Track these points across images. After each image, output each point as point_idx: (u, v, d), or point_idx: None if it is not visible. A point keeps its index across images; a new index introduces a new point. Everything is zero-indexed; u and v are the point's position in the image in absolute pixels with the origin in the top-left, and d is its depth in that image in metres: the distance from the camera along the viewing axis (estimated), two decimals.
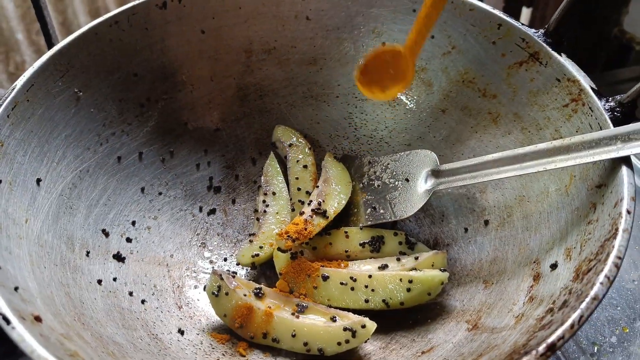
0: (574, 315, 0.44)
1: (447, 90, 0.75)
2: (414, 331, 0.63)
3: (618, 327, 0.70)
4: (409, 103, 0.78)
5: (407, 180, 0.72)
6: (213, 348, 0.61)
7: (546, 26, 0.67)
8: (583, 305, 0.45)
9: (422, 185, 0.70)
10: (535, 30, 0.67)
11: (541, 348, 0.43)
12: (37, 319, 0.47)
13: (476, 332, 0.57)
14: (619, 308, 0.72)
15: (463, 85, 0.74)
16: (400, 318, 0.65)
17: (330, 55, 0.80)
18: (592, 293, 0.46)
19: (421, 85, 0.77)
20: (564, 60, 0.64)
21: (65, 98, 0.65)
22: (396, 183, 0.73)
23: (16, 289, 0.49)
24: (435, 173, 0.69)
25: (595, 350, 0.69)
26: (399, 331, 0.63)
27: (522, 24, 0.68)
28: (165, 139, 0.75)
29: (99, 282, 0.61)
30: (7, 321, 0.44)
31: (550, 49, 0.65)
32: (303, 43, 0.79)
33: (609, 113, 0.58)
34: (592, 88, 0.61)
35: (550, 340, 0.43)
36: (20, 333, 0.43)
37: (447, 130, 0.75)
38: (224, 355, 0.61)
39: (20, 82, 0.61)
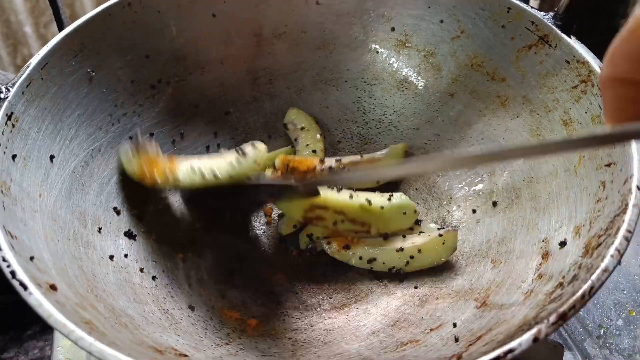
0: (585, 286, 0.45)
1: (455, 74, 0.76)
2: (422, 310, 0.63)
3: (624, 310, 0.71)
4: (417, 87, 0.79)
5: None
6: (223, 324, 0.62)
7: (556, 9, 0.68)
8: (594, 276, 0.45)
9: None
10: (544, 13, 0.68)
11: (552, 317, 0.43)
12: (53, 287, 0.48)
13: (485, 309, 0.58)
14: (625, 292, 0.73)
15: (472, 69, 0.74)
16: (408, 298, 0.65)
17: (340, 39, 0.80)
18: (602, 265, 0.46)
19: (430, 70, 0.78)
20: (573, 42, 0.64)
21: (78, 77, 0.66)
22: None
23: (31, 258, 0.49)
24: None
25: (602, 333, 0.69)
26: (407, 310, 0.64)
27: (532, 7, 0.69)
28: (175, 120, 0.76)
29: (111, 257, 0.62)
30: (25, 287, 0.44)
31: (559, 32, 0.65)
32: (313, 27, 0.79)
33: None
34: (601, 69, 0.62)
35: (561, 310, 0.44)
36: (37, 298, 0.44)
37: (456, 114, 0.76)
38: (233, 331, 0.61)
39: (34, 60, 0.61)
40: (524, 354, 0.60)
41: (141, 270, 0.64)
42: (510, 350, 0.41)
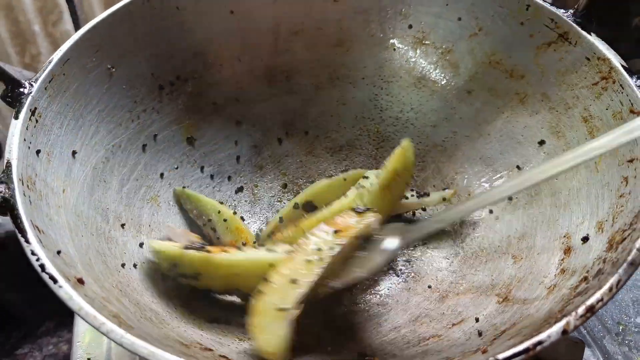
0: (612, 279, 0.45)
1: (473, 71, 0.76)
2: (443, 305, 0.64)
3: None
4: (435, 84, 0.79)
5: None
6: (243, 317, 0.62)
7: (575, 6, 0.68)
8: (621, 270, 0.45)
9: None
10: (564, 11, 0.68)
11: (580, 309, 0.43)
12: (80, 281, 0.48)
13: (507, 304, 0.58)
14: None
15: (490, 66, 0.74)
16: (429, 294, 0.65)
17: (357, 37, 0.80)
18: (629, 258, 0.46)
19: (447, 67, 0.78)
20: (593, 39, 0.64)
21: (99, 73, 0.66)
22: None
23: (59, 252, 0.50)
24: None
25: (620, 330, 0.69)
26: (427, 305, 0.64)
27: (551, 4, 0.69)
28: (194, 117, 0.76)
29: (133, 253, 0.62)
30: (54, 280, 0.45)
31: (579, 29, 0.65)
32: (330, 25, 0.80)
33: None
34: (622, 66, 0.62)
35: (589, 302, 0.44)
36: (68, 291, 0.44)
37: (474, 111, 0.76)
38: None
39: (56, 56, 0.61)
40: (546, 351, 0.60)
41: None
42: (540, 342, 0.41)
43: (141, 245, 0.64)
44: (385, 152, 0.80)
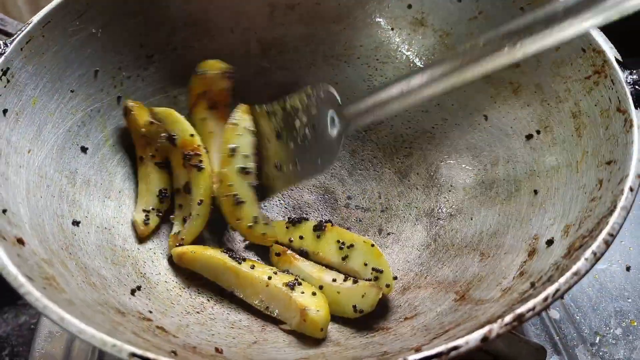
0: (550, 289, 0.42)
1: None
2: (403, 298, 0.62)
3: (626, 319, 0.67)
4: None
5: (313, 127, 0.67)
6: (199, 293, 0.62)
7: None
8: (562, 279, 0.43)
9: (332, 130, 0.66)
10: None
11: (508, 317, 0.41)
12: (20, 241, 0.49)
13: (462, 302, 0.55)
14: (630, 300, 0.68)
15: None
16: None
17: (355, 14, 0.78)
18: (574, 268, 0.43)
19: (444, 51, 0.74)
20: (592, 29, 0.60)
21: (82, 38, 0.66)
22: (305, 132, 0.67)
23: (4, 211, 0.50)
24: (340, 114, 0.65)
25: (597, 341, 0.65)
26: (389, 296, 0.62)
27: None
28: (180, 87, 0.75)
29: (96, 217, 0.62)
30: None
31: None
32: (328, 0, 0.77)
33: (630, 87, 0.54)
34: (617, 60, 0.57)
35: (519, 310, 0.41)
36: None
37: (466, 98, 0.72)
38: (208, 300, 0.62)
39: (36, 18, 0.62)
40: (504, 351, 0.57)
41: (126, 233, 0.64)
42: (455, 348, 0.39)
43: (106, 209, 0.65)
44: (373, 135, 0.78)
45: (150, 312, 0.55)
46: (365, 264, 0.62)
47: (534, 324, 0.67)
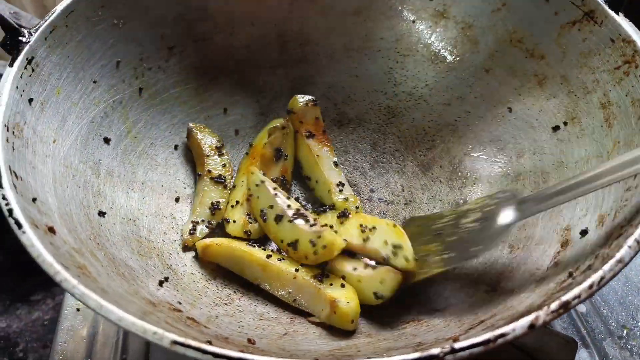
0: (595, 276, 0.42)
1: (493, 49, 0.72)
2: (431, 290, 0.61)
3: None
4: (452, 61, 0.75)
5: (483, 220, 0.58)
6: (225, 285, 0.61)
7: None
8: (606, 266, 0.42)
9: (501, 220, 0.56)
10: None
11: (554, 305, 0.40)
12: (51, 229, 0.48)
13: (494, 294, 0.55)
14: None
15: (510, 44, 0.70)
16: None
17: (376, 6, 0.77)
18: (617, 255, 0.43)
19: (467, 43, 0.74)
20: (620, 19, 0.59)
21: (105, 28, 0.66)
22: (470, 227, 0.59)
23: (34, 200, 0.50)
24: (519, 208, 0.55)
25: (624, 334, 0.65)
26: (415, 289, 0.62)
27: None
28: (201, 79, 0.75)
29: (120, 209, 0.62)
30: (19, 225, 0.45)
31: (606, 7, 0.60)
32: None
33: None
34: None
35: (565, 298, 0.40)
36: (30, 237, 0.44)
37: (489, 91, 0.72)
38: (235, 292, 0.61)
39: (60, 7, 0.61)
40: (533, 345, 0.57)
41: (150, 224, 0.64)
42: (503, 335, 0.39)
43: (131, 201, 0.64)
44: (394, 128, 0.78)
45: (180, 303, 0.54)
46: (386, 242, 0.61)
47: (561, 318, 0.67)
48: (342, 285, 0.58)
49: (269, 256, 0.61)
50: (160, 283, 0.56)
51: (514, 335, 0.39)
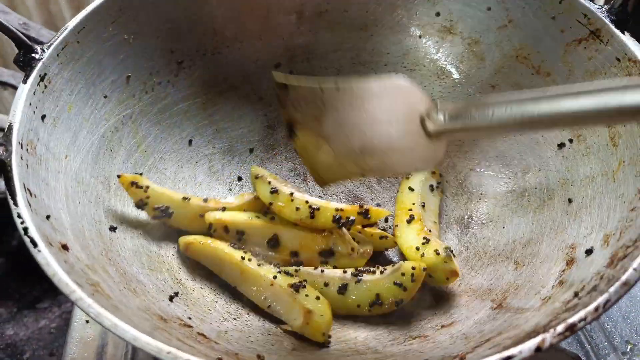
0: (600, 299, 0.42)
1: (499, 65, 0.73)
2: (437, 306, 0.62)
3: None
4: (458, 76, 0.76)
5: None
6: (233, 299, 0.62)
7: (612, 2, 0.63)
8: (612, 289, 0.43)
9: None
10: (599, 6, 0.63)
11: (560, 327, 0.41)
12: (64, 247, 0.49)
13: (500, 311, 0.56)
14: None
15: (516, 60, 0.71)
16: (425, 292, 0.64)
17: (383, 22, 0.78)
18: (623, 278, 0.43)
19: (473, 59, 0.75)
20: (626, 39, 0.60)
21: (115, 43, 0.66)
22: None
23: (48, 217, 0.50)
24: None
25: (628, 350, 0.66)
26: (421, 304, 0.62)
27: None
28: (209, 93, 0.76)
29: (131, 223, 0.63)
30: (35, 244, 0.45)
31: (612, 27, 0.61)
32: (355, 7, 0.77)
33: None
34: None
35: (571, 320, 0.41)
36: (45, 256, 0.45)
37: None
38: (243, 307, 0.62)
39: (72, 23, 0.62)
40: None
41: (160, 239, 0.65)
42: (509, 358, 0.39)
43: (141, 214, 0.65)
44: None
45: (190, 318, 0.55)
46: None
47: None
48: (317, 298, 0.59)
49: (249, 259, 0.62)
50: (171, 298, 0.57)
51: (521, 358, 0.40)
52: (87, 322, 0.70)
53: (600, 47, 0.62)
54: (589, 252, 0.54)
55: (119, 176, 0.64)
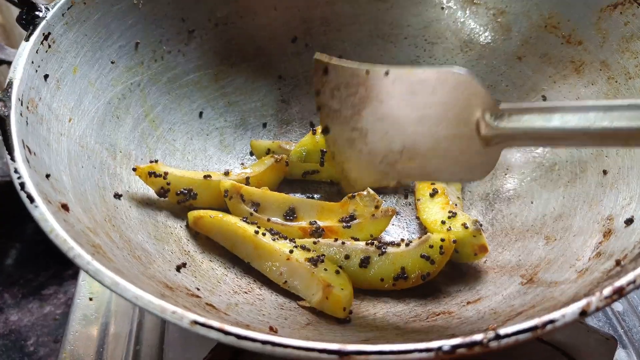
0: None
1: (526, 35, 0.69)
2: (461, 282, 0.58)
3: None
4: (483, 48, 0.72)
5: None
6: (245, 273, 0.59)
7: None
8: None
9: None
10: None
11: (607, 290, 0.37)
12: (64, 207, 0.46)
13: (530, 285, 0.52)
14: None
15: (545, 30, 0.67)
16: (449, 270, 0.60)
17: None
18: None
19: (498, 30, 0.71)
20: None
21: (124, 7, 0.64)
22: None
23: (47, 176, 0.47)
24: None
25: None
26: (444, 281, 0.58)
27: None
28: (221, 64, 0.73)
29: (137, 192, 0.59)
30: (31, 199, 0.42)
31: None
32: None
33: None
34: None
35: (618, 283, 0.37)
36: (42, 212, 0.41)
37: (522, 79, 0.69)
38: (255, 282, 0.58)
39: None
40: (567, 342, 0.53)
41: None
42: (551, 321, 0.35)
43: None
44: None
45: (198, 289, 0.51)
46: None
47: (596, 316, 0.63)
48: (337, 272, 0.55)
49: (262, 234, 0.58)
50: (178, 268, 0.53)
51: (564, 322, 0.36)
52: (91, 299, 0.66)
53: (638, 12, 0.59)
54: (629, 221, 0.50)
55: (134, 169, 0.60)
